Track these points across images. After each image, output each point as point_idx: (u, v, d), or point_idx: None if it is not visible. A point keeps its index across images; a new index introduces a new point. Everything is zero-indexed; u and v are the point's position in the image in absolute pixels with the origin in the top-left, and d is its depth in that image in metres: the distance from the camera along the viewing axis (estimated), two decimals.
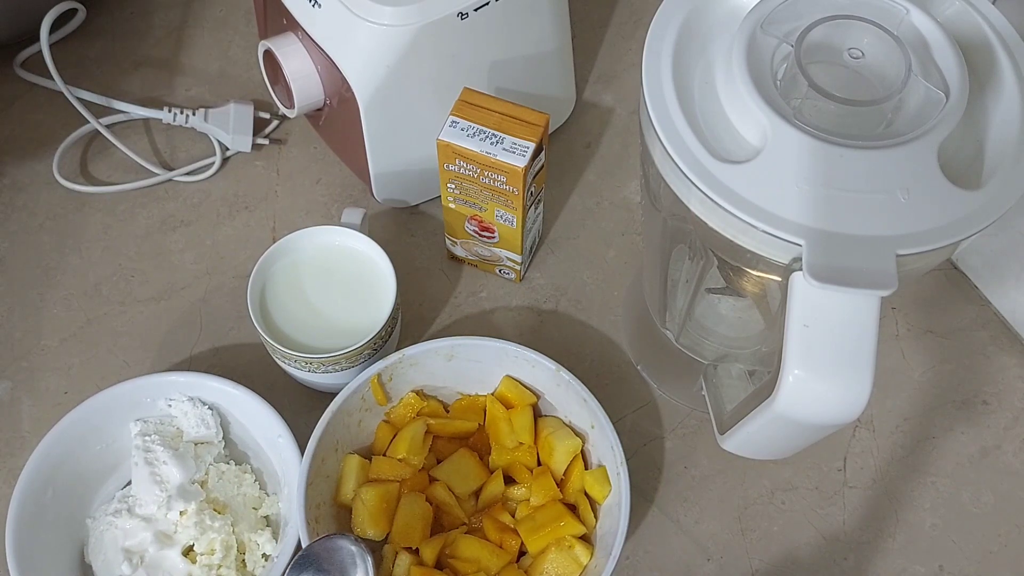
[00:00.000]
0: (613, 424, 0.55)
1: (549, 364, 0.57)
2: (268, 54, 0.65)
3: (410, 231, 0.71)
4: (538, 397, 0.59)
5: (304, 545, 0.51)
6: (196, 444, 0.58)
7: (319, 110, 0.68)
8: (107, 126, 0.73)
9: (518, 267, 0.67)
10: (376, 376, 0.57)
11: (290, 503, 0.55)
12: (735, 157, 0.41)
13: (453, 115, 0.59)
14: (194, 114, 0.73)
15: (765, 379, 0.43)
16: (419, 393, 0.60)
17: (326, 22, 0.60)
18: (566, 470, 0.57)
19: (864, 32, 0.42)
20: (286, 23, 0.64)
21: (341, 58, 0.60)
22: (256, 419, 0.58)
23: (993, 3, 0.45)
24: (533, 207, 0.63)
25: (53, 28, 0.72)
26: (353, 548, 0.47)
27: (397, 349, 0.58)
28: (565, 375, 0.56)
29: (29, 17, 0.72)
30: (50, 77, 0.71)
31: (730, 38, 0.43)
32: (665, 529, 0.60)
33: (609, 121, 0.77)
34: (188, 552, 0.55)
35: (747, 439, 0.47)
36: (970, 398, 0.65)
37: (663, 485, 0.62)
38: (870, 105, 0.41)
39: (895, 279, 0.38)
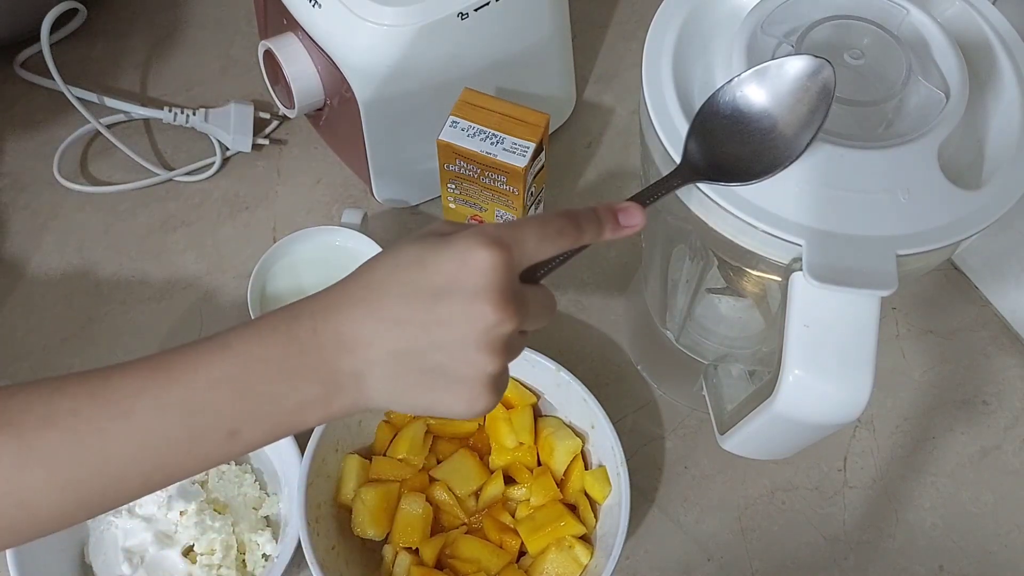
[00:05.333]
0: (613, 424, 0.55)
1: (549, 364, 0.57)
2: (268, 54, 0.65)
3: (410, 231, 0.71)
4: (538, 397, 0.59)
5: (305, 546, 0.51)
6: None
7: (319, 110, 0.68)
8: (107, 126, 0.73)
9: None
10: None
11: (290, 503, 0.55)
12: None
13: (453, 115, 0.59)
14: (194, 114, 0.73)
15: (765, 379, 0.43)
16: None
17: (326, 22, 0.60)
18: (566, 470, 0.57)
19: (864, 32, 0.42)
20: (286, 23, 0.64)
21: (341, 58, 0.60)
22: None
23: (993, 3, 0.45)
24: (533, 207, 0.63)
25: (53, 28, 0.72)
26: None
27: None
28: (565, 375, 0.56)
29: (29, 17, 0.72)
30: (51, 77, 0.71)
31: (730, 38, 0.43)
32: (665, 529, 0.60)
33: (609, 121, 0.77)
34: (188, 552, 0.55)
35: (747, 439, 0.47)
36: (970, 398, 0.65)
37: (663, 485, 0.61)
38: (870, 105, 0.41)
39: (895, 279, 0.38)
